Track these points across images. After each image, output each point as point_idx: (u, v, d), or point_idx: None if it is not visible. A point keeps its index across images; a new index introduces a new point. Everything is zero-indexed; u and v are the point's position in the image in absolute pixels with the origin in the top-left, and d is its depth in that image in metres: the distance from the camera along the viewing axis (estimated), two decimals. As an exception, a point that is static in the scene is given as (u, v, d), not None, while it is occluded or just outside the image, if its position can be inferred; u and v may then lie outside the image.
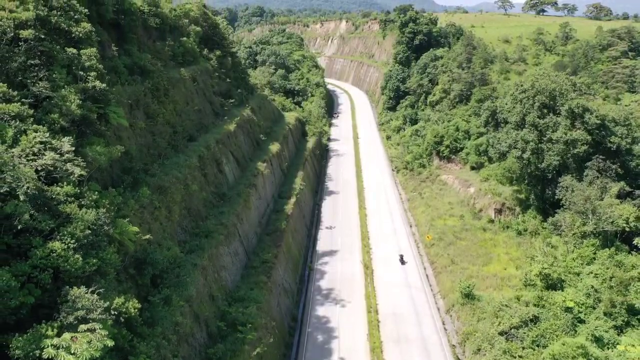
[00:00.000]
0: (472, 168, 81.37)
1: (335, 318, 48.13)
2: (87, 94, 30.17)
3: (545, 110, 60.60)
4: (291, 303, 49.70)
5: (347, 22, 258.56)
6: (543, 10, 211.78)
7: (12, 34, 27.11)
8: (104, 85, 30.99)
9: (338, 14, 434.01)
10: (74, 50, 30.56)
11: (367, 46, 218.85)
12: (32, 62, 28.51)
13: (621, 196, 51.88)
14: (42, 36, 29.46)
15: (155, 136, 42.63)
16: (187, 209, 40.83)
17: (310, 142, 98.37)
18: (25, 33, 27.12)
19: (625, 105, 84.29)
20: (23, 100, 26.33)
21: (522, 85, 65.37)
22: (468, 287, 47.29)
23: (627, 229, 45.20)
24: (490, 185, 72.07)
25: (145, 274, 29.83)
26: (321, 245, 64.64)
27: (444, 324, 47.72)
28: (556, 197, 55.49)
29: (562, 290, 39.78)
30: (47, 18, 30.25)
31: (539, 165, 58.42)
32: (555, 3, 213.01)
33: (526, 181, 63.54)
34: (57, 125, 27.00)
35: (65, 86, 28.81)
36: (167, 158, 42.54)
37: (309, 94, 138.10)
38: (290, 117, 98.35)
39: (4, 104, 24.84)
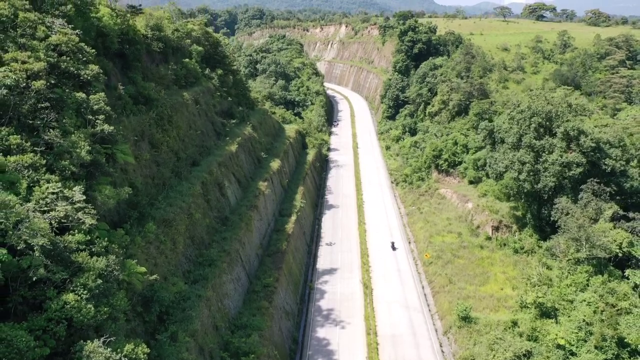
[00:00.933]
0: (471, 182, 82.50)
1: (335, 340, 49.24)
2: (96, 137, 31.28)
3: (542, 130, 61.71)
4: (292, 325, 50.82)
5: (346, 26, 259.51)
6: (542, 16, 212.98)
7: (24, 84, 28.14)
8: (112, 128, 32.03)
9: (338, 17, 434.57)
10: (83, 95, 31.62)
11: (366, 51, 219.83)
12: (42, 105, 29.60)
13: (615, 219, 53.19)
14: (52, 82, 30.62)
15: (159, 166, 43.73)
16: (190, 238, 41.93)
17: (311, 155, 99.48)
18: (37, 84, 28.15)
19: (622, 119, 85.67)
20: (35, 148, 27.41)
21: (518, 105, 66.46)
22: (465, 310, 48.42)
23: (620, 255, 46.41)
24: (487, 202, 73.13)
25: (152, 312, 30.94)
26: (321, 263, 65.72)
27: (441, 346, 48.85)
28: (552, 218, 56.67)
29: (556, 318, 40.89)
30: (57, 64, 31.33)
31: (535, 186, 59.52)
32: (554, 9, 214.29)
33: (523, 200, 64.66)
34: (68, 172, 28.10)
35: (75, 131, 29.92)
36: (172, 187, 43.62)
37: (310, 102, 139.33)
38: (291, 130, 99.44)
39: (18, 155, 25.88)
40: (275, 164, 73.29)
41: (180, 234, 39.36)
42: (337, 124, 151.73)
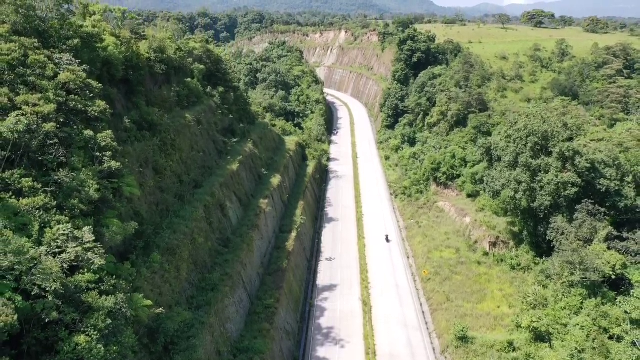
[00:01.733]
0: (469, 196, 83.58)
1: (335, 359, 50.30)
2: (103, 173, 32.35)
3: (538, 148, 62.74)
4: (292, 344, 51.84)
5: (346, 32, 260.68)
6: (541, 23, 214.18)
7: (36, 126, 29.18)
8: (119, 164, 33.09)
9: (338, 20, 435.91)
10: (91, 133, 32.65)
11: (366, 58, 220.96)
12: (51, 141, 30.67)
13: (609, 239, 54.31)
14: (62, 120, 31.70)
15: (163, 192, 44.81)
16: (194, 263, 42.99)
17: (311, 167, 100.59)
18: (47, 126, 29.22)
19: (618, 133, 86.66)
20: (46, 189, 28.47)
21: (515, 123, 67.52)
22: (462, 331, 49.49)
23: (613, 277, 47.51)
24: (485, 217, 74.19)
25: (158, 343, 32.00)
26: (321, 279, 66.73)
27: (439, 365, 49.90)
28: (547, 238, 57.81)
29: (550, 343, 41.97)
30: (66, 103, 32.40)
31: (531, 204, 60.58)
32: (553, 16, 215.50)
33: (519, 217, 65.72)
34: (77, 211, 29.17)
35: (83, 169, 30.99)
36: (175, 213, 44.65)
37: (310, 111, 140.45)
38: (291, 142, 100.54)
39: (31, 197, 26.94)
40: (275, 180, 74.36)
41: (184, 260, 40.41)
42: (337, 133, 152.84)
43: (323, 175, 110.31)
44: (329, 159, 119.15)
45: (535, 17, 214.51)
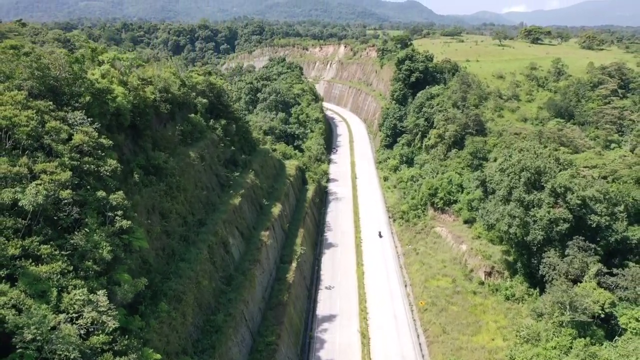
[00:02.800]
0: (465, 222, 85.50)
1: (334, 395, 52.01)
2: (115, 232, 34.26)
3: (531, 183, 64.67)
4: (293, 379, 53.59)
5: (345, 47, 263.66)
6: (537, 39, 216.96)
7: (53, 193, 31.05)
8: (129, 222, 34.98)
9: (338, 32, 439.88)
10: (103, 194, 34.55)
11: (365, 73, 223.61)
12: (66, 201, 32.55)
13: (600, 274, 56.25)
14: (76, 182, 33.63)
15: (169, 236, 46.68)
16: (198, 305, 44.78)
17: (310, 190, 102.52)
18: (64, 194, 31.14)
19: (612, 159, 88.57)
20: (62, 253, 30.34)
21: (510, 156, 69.50)
22: (457, 366, 51.28)
23: (602, 315, 49.38)
24: (481, 245, 76.06)
25: (166, 393, 33.76)
26: (321, 309, 68.45)
27: (434, 400, 51.57)
28: (540, 272, 59.76)
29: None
30: (80, 166, 34.36)
31: (525, 238, 62.51)
32: (549, 32, 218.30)
33: (513, 248, 67.64)
34: (92, 272, 31.09)
35: (97, 229, 32.89)
36: (180, 256, 46.49)
37: (309, 130, 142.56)
38: (291, 166, 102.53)
39: (49, 264, 28.79)
40: (276, 209, 76.26)
41: (189, 305, 42.20)
42: (336, 151, 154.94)
43: (322, 197, 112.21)
44: (328, 180, 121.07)
45: (532, 33, 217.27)
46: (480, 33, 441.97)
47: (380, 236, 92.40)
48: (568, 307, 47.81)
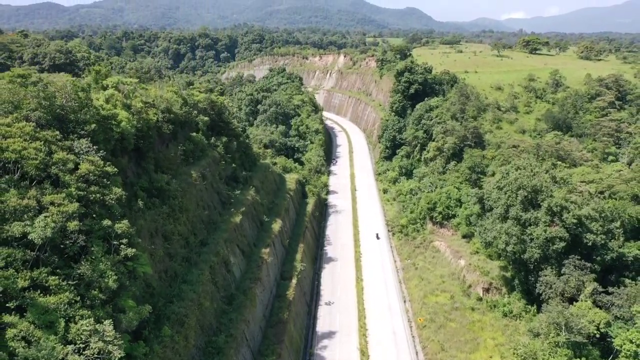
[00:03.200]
0: (464, 236, 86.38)
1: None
2: (120, 260, 35.14)
3: (528, 201, 65.61)
4: (294, 397, 54.28)
5: (345, 56, 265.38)
6: (536, 49, 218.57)
7: (61, 225, 31.97)
8: (134, 250, 35.87)
9: (337, 39, 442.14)
10: (109, 222, 35.45)
11: (364, 83, 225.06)
12: (73, 229, 33.43)
13: (595, 293, 57.12)
14: (82, 212, 34.54)
15: (172, 259, 47.55)
16: (200, 327, 45.59)
17: (310, 204, 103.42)
18: (71, 225, 32.04)
19: (608, 173, 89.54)
20: (69, 282, 31.21)
21: (507, 173, 70.36)
22: (455, 385, 51.99)
23: (597, 335, 50.21)
24: (479, 260, 76.89)
25: (169, 418, 34.54)
26: (321, 325, 69.17)
27: (433, 418, 52.26)
28: (537, 291, 60.61)
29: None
30: (87, 196, 35.29)
31: (522, 256, 63.36)
32: (547, 43, 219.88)
33: (511, 265, 68.50)
34: (97, 301, 31.96)
35: (102, 258, 33.76)
36: (183, 278, 47.34)
37: (309, 141, 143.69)
38: (291, 180, 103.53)
39: (57, 295, 29.66)
40: (276, 226, 77.14)
41: (192, 328, 43.00)
42: (336, 162, 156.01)
43: (322, 209, 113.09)
44: (328, 192, 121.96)
45: (530, 43, 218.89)
46: (479, 41, 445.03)
47: (378, 238, 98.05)
48: (564, 327, 48.63)
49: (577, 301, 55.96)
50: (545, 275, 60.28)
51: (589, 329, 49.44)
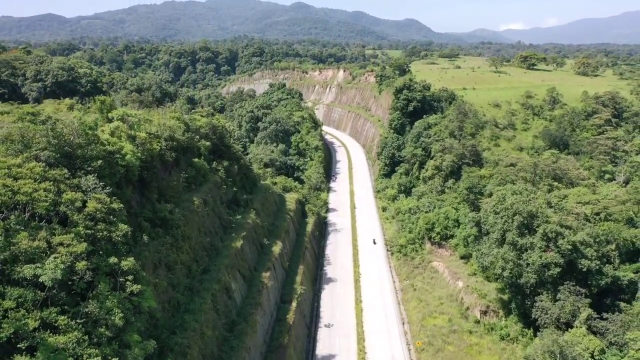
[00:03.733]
0: (462, 257, 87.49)
1: None
2: (126, 296, 36.28)
3: (524, 226, 66.79)
4: (294, 423, 55.08)
5: (344, 71, 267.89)
6: (533, 65, 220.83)
7: (70, 264, 33.14)
8: (139, 286, 37.02)
9: (337, 52, 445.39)
10: (115, 260, 36.65)
11: (364, 98, 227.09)
12: (81, 269, 34.57)
13: (590, 319, 58.18)
14: (89, 250, 35.73)
15: (175, 288, 48.63)
16: (202, 356, 46.56)
17: (310, 223, 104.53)
18: (80, 265, 33.21)
19: (604, 194, 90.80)
20: (78, 321, 32.32)
21: (504, 200, 71.58)
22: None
23: (592, 362, 51.26)
24: (477, 282, 77.93)
25: None
26: (320, 348, 69.93)
27: None
28: (533, 316, 61.67)
29: None
30: (94, 234, 36.52)
31: (518, 280, 64.46)
32: (544, 59, 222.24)
33: (507, 289, 69.55)
34: (104, 338, 33.06)
35: (109, 296, 34.89)
36: (185, 307, 48.39)
37: (309, 158, 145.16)
38: (291, 200, 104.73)
39: (66, 334, 30.74)
40: (277, 248, 78.23)
41: (194, 359, 43.99)
42: (336, 179, 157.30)
43: (322, 228, 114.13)
44: (327, 210, 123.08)
45: (528, 59, 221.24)
46: (477, 54, 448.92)
47: (375, 243, 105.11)
48: (558, 356, 49.61)
49: (572, 327, 57.00)
50: (541, 301, 61.37)
51: (583, 357, 50.47)
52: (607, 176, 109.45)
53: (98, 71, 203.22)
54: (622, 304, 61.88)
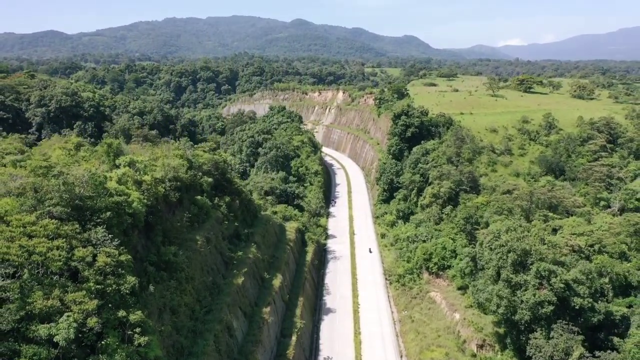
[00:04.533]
0: (459, 288, 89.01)
1: None
2: (134, 349, 37.95)
3: (518, 263, 68.51)
4: None
5: (344, 92, 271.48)
6: (530, 88, 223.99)
7: (81, 322, 34.86)
8: (147, 338, 38.70)
9: (337, 70, 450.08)
10: (124, 313, 38.38)
11: (363, 120, 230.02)
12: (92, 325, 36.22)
13: (583, 358, 59.67)
14: (99, 304, 37.46)
15: (179, 332, 50.22)
16: (206, 400, 48.06)
17: (310, 252, 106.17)
18: (91, 322, 34.94)
19: (598, 225, 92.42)
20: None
21: (499, 235, 73.39)
22: None
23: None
24: (473, 315, 79.35)
25: None
26: (319, 385, 71.32)
27: None
28: (527, 353, 63.16)
29: None
30: (104, 289, 38.31)
31: (513, 317, 66.04)
32: (541, 82, 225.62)
33: (503, 325, 71.07)
34: (114, 395, 34.70)
35: (118, 349, 36.57)
36: (188, 350, 49.97)
37: (309, 183, 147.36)
38: (291, 229, 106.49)
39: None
40: (277, 281, 79.81)
41: (198, 403, 45.50)
42: (335, 203, 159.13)
43: (321, 255, 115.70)
44: (327, 237, 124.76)
45: (524, 82, 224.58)
46: (476, 73, 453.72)
47: (370, 252, 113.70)
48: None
49: (565, 367, 58.46)
50: (535, 338, 62.83)
51: (576, 396, 51.90)
52: (602, 203, 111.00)
53: (100, 94, 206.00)
54: (616, 339, 63.36)
